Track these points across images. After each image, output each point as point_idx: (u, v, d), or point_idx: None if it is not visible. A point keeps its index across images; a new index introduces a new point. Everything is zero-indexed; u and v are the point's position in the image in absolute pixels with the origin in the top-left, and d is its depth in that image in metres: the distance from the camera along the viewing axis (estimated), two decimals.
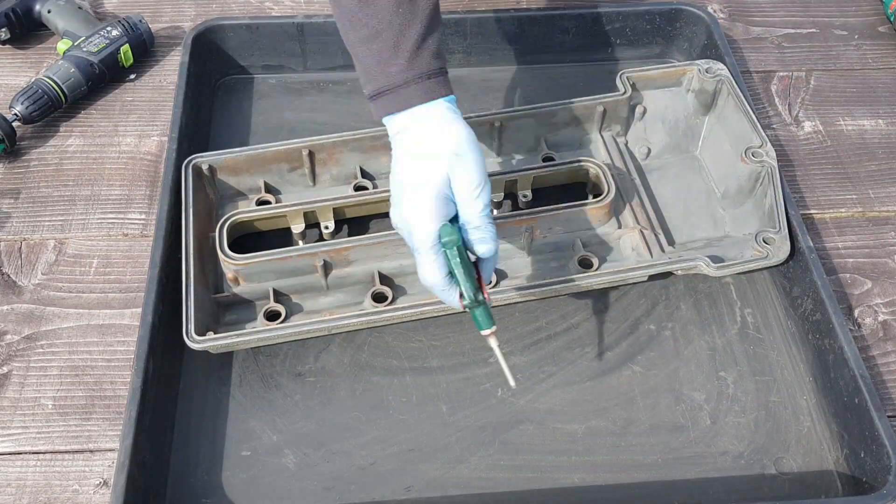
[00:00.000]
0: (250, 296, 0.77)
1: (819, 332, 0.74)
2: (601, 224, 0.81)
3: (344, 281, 0.78)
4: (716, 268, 0.76)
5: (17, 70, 0.98)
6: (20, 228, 0.84)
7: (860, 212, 0.89)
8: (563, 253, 0.81)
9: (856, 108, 0.98)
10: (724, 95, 0.88)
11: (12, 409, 0.72)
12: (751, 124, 0.84)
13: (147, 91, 0.97)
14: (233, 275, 0.76)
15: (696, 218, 0.85)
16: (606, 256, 0.81)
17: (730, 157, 0.85)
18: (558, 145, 0.90)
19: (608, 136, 0.90)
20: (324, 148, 0.84)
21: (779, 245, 0.78)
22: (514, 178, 0.83)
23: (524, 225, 0.79)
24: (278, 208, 0.80)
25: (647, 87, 0.90)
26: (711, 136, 0.89)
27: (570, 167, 0.84)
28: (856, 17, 1.08)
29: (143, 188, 0.88)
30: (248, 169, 0.83)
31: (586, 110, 0.88)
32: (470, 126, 0.66)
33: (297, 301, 0.77)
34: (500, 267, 0.79)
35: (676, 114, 0.90)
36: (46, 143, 0.92)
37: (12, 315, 0.78)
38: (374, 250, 0.77)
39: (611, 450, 0.72)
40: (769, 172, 0.81)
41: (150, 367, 0.69)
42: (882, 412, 0.67)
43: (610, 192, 0.81)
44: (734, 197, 0.85)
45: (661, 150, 0.90)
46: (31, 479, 0.69)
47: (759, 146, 0.82)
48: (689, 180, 0.88)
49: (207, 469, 0.69)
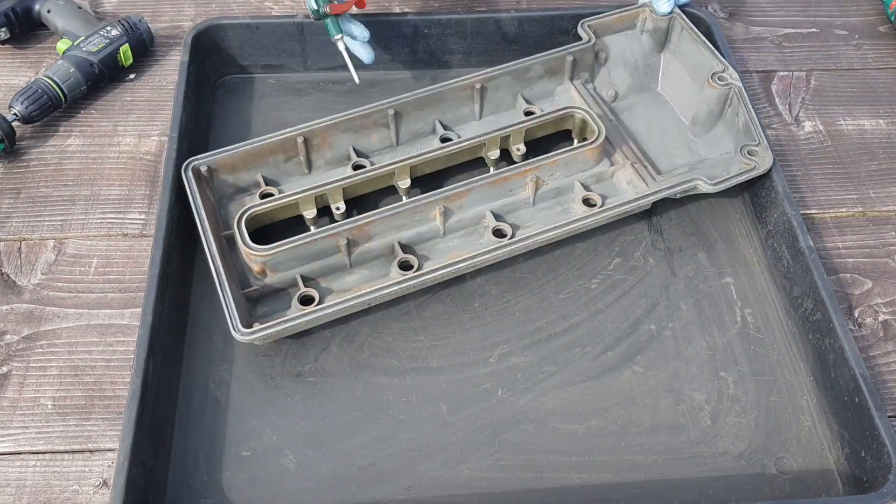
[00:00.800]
0: (280, 285, 0.78)
1: (819, 331, 0.74)
2: (596, 164, 0.86)
3: (366, 257, 0.80)
4: (713, 184, 0.80)
5: (16, 70, 0.98)
6: (20, 228, 0.84)
7: (860, 212, 0.89)
8: (566, 197, 0.85)
9: (856, 108, 0.98)
10: (677, 31, 0.92)
11: (12, 409, 0.72)
12: (710, 52, 0.89)
13: (147, 91, 0.97)
14: (260, 267, 0.77)
15: (672, 148, 0.90)
16: (606, 194, 0.85)
17: (691, 87, 0.91)
18: (534, 98, 0.94)
19: (578, 84, 0.94)
20: (317, 133, 0.86)
21: (762, 155, 0.83)
22: (507, 134, 0.86)
23: (529, 175, 0.82)
24: (290, 196, 0.81)
25: (605, 32, 0.94)
26: (669, 70, 0.94)
27: (557, 116, 0.88)
28: (856, 17, 1.08)
29: (142, 188, 0.88)
30: (245, 165, 0.84)
31: (557, 62, 0.93)
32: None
33: (325, 285, 0.79)
34: (512, 221, 0.83)
35: (635, 55, 0.95)
36: (46, 143, 0.91)
37: (12, 315, 0.78)
38: (392, 221, 0.79)
39: (611, 450, 0.71)
40: (737, 93, 0.85)
41: (150, 368, 0.68)
42: (882, 411, 0.67)
43: (601, 133, 0.84)
44: (704, 122, 0.89)
45: (627, 90, 0.95)
46: (30, 479, 0.69)
47: (723, 71, 0.87)
48: (657, 115, 0.93)
49: (207, 469, 0.69)
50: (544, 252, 0.83)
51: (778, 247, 0.81)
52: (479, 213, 0.82)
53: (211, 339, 0.77)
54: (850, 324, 0.79)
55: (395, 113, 0.87)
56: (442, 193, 0.80)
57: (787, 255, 0.79)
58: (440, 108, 0.90)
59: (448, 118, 0.91)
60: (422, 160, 0.84)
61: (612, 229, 0.85)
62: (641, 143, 0.90)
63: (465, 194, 0.81)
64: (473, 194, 0.81)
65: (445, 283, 0.80)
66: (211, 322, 0.78)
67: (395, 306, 0.79)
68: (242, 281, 0.78)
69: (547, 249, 0.83)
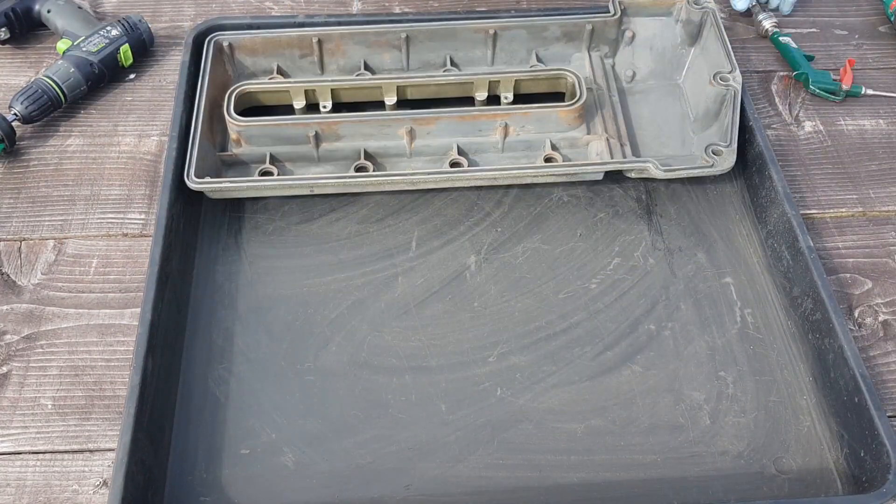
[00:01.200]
0: (250, 158, 0.86)
1: (819, 331, 0.74)
2: (571, 128, 0.88)
3: (333, 154, 0.87)
4: (664, 171, 0.82)
5: (16, 70, 0.98)
6: (20, 228, 0.84)
7: (860, 212, 0.88)
8: (534, 152, 0.88)
9: (856, 108, 0.98)
10: (707, 26, 0.93)
11: (12, 409, 0.72)
12: (725, 53, 0.89)
13: (147, 91, 0.97)
14: (236, 136, 0.85)
15: (666, 138, 0.90)
16: (572, 158, 0.87)
17: (704, 84, 0.91)
18: (548, 60, 0.96)
19: (596, 56, 0.96)
20: (332, 38, 0.92)
21: (726, 156, 0.83)
22: (497, 79, 0.90)
23: (498, 119, 0.86)
24: (282, 83, 0.90)
25: (638, 13, 0.95)
26: (694, 65, 0.94)
27: (548, 74, 0.91)
28: (856, 17, 1.08)
29: (142, 188, 0.88)
30: (263, 51, 0.92)
31: (575, 27, 0.94)
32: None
33: (291, 168, 0.87)
34: (475, 158, 0.88)
35: (664, 42, 0.95)
36: (46, 143, 0.92)
37: (12, 315, 0.78)
38: (361, 128, 0.86)
39: (610, 449, 0.71)
40: (732, 95, 0.86)
41: (150, 365, 0.68)
42: (882, 411, 0.67)
43: (581, 97, 0.87)
44: (702, 120, 0.90)
45: (646, 75, 0.96)
46: (30, 479, 0.69)
47: (729, 72, 0.88)
48: (668, 105, 0.94)
49: (206, 467, 0.69)
50: (544, 251, 0.83)
51: (778, 247, 0.81)
52: (446, 144, 0.87)
53: (211, 337, 0.77)
54: (850, 324, 0.79)
55: (406, 37, 0.92)
56: (411, 114, 0.86)
57: (787, 255, 0.79)
58: (452, 44, 0.94)
59: (460, 57, 0.95)
60: (409, 82, 0.90)
61: (611, 229, 0.85)
62: (636, 125, 0.91)
63: (434, 121, 0.86)
64: (442, 123, 0.86)
65: (444, 282, 0.81)
66: (211, 321, 0.78)
67: (395, 306, 0.79)
68: (224, 146, 0.87)
69: (547, 249, 0.84)
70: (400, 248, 0.83)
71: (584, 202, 0.88)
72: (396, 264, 0.82)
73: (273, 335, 0.77)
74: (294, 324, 0.78)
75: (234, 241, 0.83)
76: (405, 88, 0.90)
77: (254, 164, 0.86)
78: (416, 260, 0.83)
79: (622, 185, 0.89)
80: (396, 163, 0.87)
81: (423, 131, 0.86)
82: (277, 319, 0.78)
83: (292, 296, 0.80)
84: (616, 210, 0.87)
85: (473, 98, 0.91)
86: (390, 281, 0.81)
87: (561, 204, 0.87)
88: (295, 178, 0.84)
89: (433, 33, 0.93)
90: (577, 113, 0.87)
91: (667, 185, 0.89)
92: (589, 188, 0.89)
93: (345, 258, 0.83)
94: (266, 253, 0.83)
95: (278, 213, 0.86)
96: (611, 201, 0.88)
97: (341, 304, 0.79)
